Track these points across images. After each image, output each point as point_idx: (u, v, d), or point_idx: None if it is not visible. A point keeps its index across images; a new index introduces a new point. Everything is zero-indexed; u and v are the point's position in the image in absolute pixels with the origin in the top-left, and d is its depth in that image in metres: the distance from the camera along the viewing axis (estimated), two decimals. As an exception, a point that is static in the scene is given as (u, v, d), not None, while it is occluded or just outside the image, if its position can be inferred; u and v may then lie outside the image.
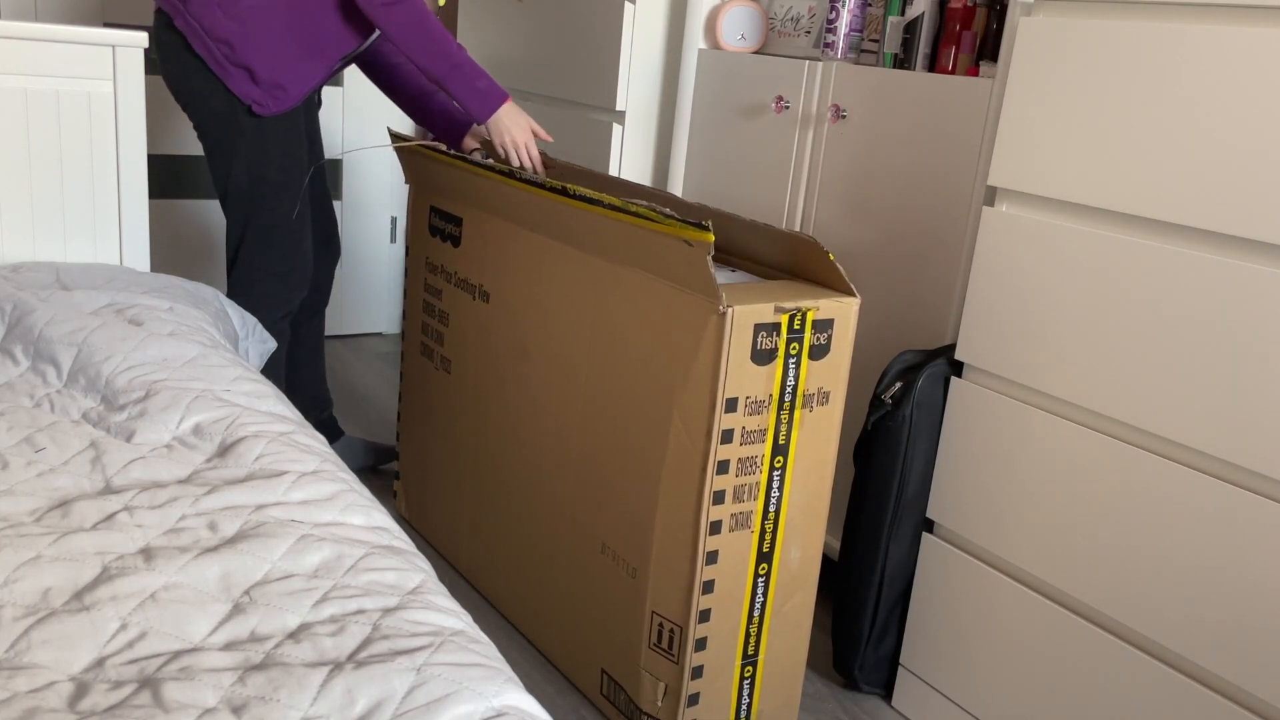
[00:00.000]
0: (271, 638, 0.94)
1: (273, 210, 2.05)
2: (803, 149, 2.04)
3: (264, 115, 1.98)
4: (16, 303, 1.62)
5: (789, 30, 2.20)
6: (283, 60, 1.97)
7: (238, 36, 1.93)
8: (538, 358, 1.79)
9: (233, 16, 1.92)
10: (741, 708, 1.63)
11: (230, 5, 1.93)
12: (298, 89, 2.02)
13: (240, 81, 1.95)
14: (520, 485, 1.88)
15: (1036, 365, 1.52)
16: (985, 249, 1.58)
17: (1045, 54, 1.48)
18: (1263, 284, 1.26)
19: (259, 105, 1.97)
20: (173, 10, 1.96)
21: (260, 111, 1.97)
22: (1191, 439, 1.35)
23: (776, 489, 1.54)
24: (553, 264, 1.74)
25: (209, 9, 1.93)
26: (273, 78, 1.97)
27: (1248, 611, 1.30)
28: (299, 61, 2.00)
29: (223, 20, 1.92)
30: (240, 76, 1.95)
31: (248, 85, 1.96)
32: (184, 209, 3.13)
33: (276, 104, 1.99)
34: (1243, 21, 1.28)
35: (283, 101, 1.99)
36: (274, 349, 2.04)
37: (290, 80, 1.99)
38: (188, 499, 1.15)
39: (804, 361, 1.50)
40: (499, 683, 0.89)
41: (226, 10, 1.93)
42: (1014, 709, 1.59)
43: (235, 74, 1.94)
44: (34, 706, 0.82)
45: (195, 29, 1.93)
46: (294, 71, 2.00)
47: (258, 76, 1.95)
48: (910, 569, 1.75)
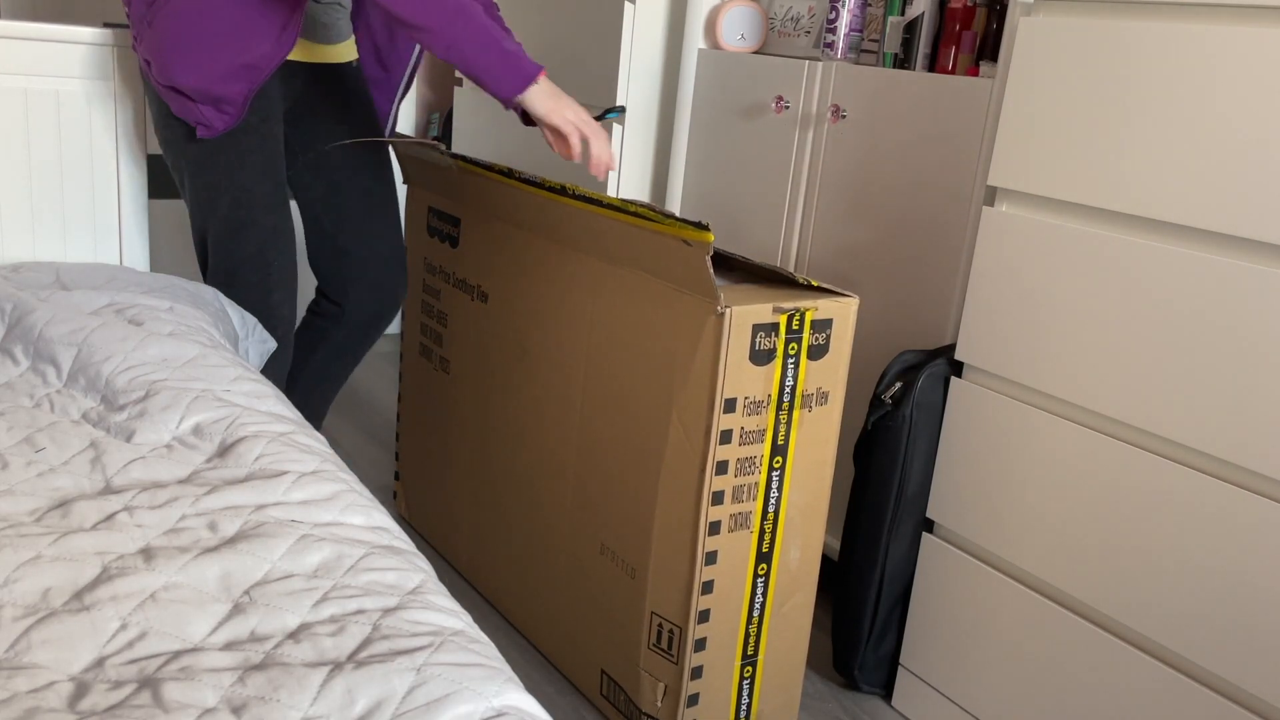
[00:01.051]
0: (271, 638, 0.94)
1: (226, 250, 1.78)
2: (803, 149, 2.04)
3: (208, 137, 1.70)
4: (16, 303, 1.62)
5: (789, 30, 2.20)
6: (208, 65, 1.66)
7: (159, 50, 1.66)
8: (536, 358, 1.79)
9: (160, 30, 1.66)
10: (741, 708, 1.63)
11: (151, 15, 1.68)
12: (238, 98, 1.69)
13: (180, 103, 1.69)
14: (519, 485, 1.88)
15: (1036, 365, 1.52)
16: (985, 249, 1.58)
17: (1045, 54, 1.48)
18: (1263, 284, 1.26)
19: (205, 128, 1.69)
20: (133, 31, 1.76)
21: (204, 134, 1.70)
22: (1191, 439, 1.35)
23: (775, 489, 1.54)
24: (551, 264, 1.74)
25: (138, 26, 1.70)
26: (206, 90, 1.67)
27: (1248, 611, 1.30)
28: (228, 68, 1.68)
29: (147, 35, 1.68)
30: (177, 98, 1.69)
31: (187, 106, 1.69)
32: (184, 209, 3.12)
33: (224, 120, 1.70)
34: (1243, 21, 1.28)
35: (229, 115, 1.69)
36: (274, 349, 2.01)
37: (226, 89, 1.68)
38: (188, 499, 1.15)
39: (803, 362, 1.50)
40: (499, 683, 0.89)
41: (153, 23, 1.67)
42: (1014, 709, 1.59)
43: (173, 96, 1.69)
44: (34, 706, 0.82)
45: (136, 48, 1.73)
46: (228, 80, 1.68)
47: (193, 92, 1.67)
48: (910, 569, 1.75)
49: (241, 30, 1.66)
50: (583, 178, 2.43)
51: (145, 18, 1.67)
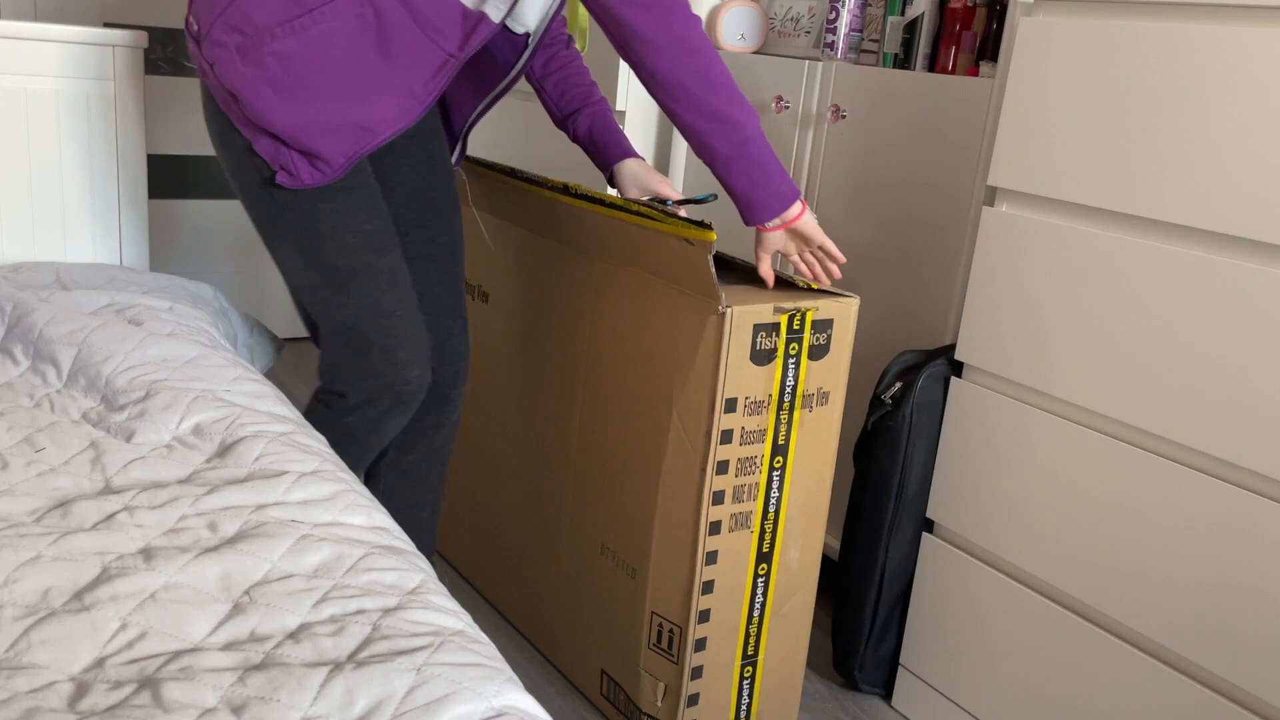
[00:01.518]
0: (271, 638, 0.94)
1: (343, 305, 1.51)
2: (803, 149, 2.04)
3: (291, 187, 1.45)
4: (16, 303, 1.62)
5: (789, 30, 2.20)
6: (317, 120, 1.42)
7: (253, 89, 1.40)
8: (537, 358, 1.79)
9: (256, 62, 1.40)
10: (741, 708, 1.63)
11: (256, 46, 1.40)
12: (340, 159, 1.44)
13: (266, 144, 1.44)
14: (520, 485, 1.88)
15: (1036, 365, 1.52)
16: (985, 249, 1.58)
17: (1045, 54, 1.48)
18: (1263, 284, 1.26)
19: (288, 175, 1.44)
20: (193, 51, 1.47)
21: (287, 183, 1.44)
22: (1191, 439, 1.35)
23: (776, 489, 1.54)
24: (552, 264, 1.74)
25: (225, 53, 1.41)
26: (304, 142, 1.42)
27: (1248, 611, 1.30)
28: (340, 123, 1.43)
29: (239, 67, 1.40)
30: (266, 139, 1.44)
31: (277, 148, 1.44)
32: (184, 209, 3.13)
33: (315, 176, 1.44)
34: (1243, 21, 1.28)
35: (324, 174, 1.45)
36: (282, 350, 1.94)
37: (328, 147, 1.43)
38: (188, 499, 1.15)
39: (803, 361, 1.50)
40: (499, 683, 0.89)
41: (247, 54, 1.40)
42: (1014, 709, 1.59)
43: (261, 135, 1.44)
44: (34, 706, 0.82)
45: (209, 76, 1.44)
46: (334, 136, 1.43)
47: (283, 139, 1.43)
48: (910, 569, 1.75)
49: (369, 89, 1.42)
50: (586, 179, 2.43)
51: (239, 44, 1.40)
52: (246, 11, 1.40)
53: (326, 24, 1.39)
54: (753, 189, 1.43)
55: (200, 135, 3.07)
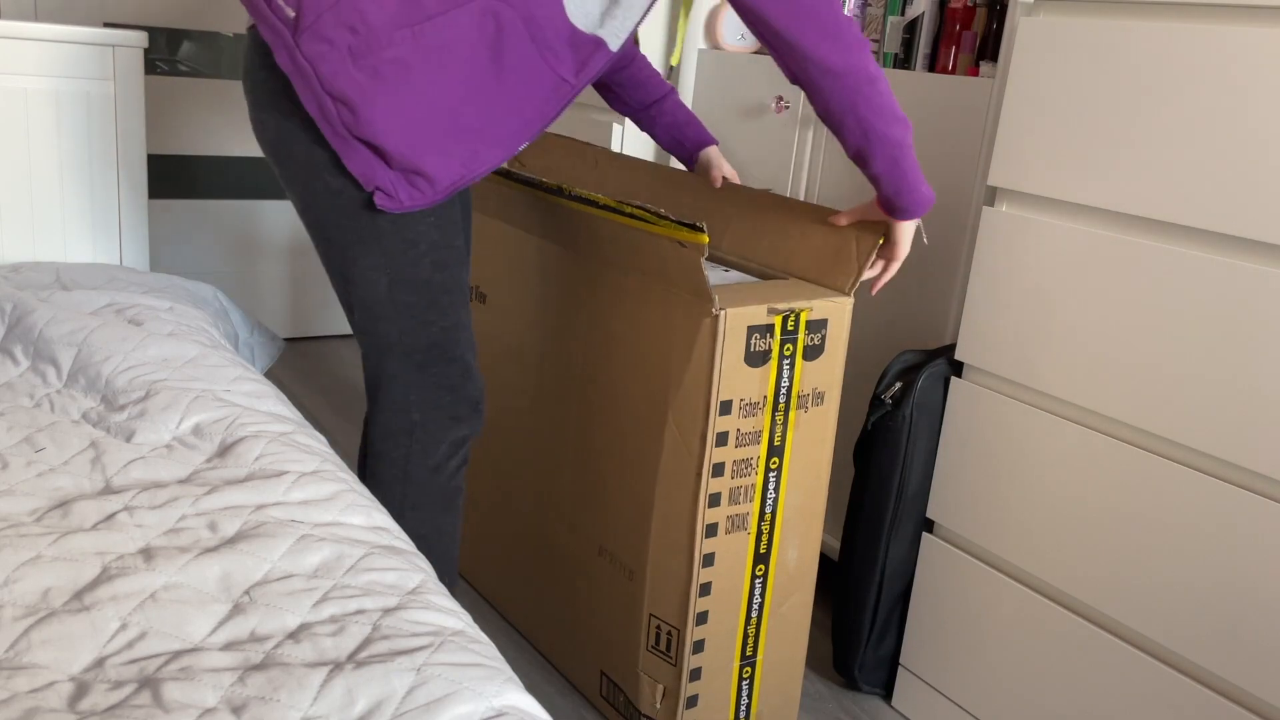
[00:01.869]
0: (271, 638, 0.94)
1: (432, 324, 1.45)
2: (803, 149, 2.04)
3: (390, 210, 1.36)
4: (16, 303, 1.62)
5: (789, 30, 2.20)
6: (431, 136, 1.33)
7: (367, 97, 1.29)
8: (533, 360, 1.80)
9: (370, 67, 1.29)
10: (740, 709, 1.63)
11: (370, 49, 1.29)
12: (448, 180, 1.36)
13: (364, 160, 1.33)
14: (518, 487, 1.88)
15: (1036, 365, 1.52)
16: (985, 249, 1.58)
17: (1045, 54, 1.48)
18: (1263, 284, 1.26)
19: (386, 197, 1.35)
20: (274, 42, 1.32)
21: (386, 205, 1.35)
22: (1191, 439, 1.35)
23: (772, 490, 1.54)
24: (548, 265, 1.74)
25: (332, 52, 1.29)
26: (412, 160, 1.33)
27: (1248, 611, 1.30)
28: (456, 141, 1.35)
29: (349, 70, 1.29)
30: (365, 154, 1.33)
31: (375, 167, 1.34)
32: (185, 209, 3.13)
33: (415, 197, 1.35)
34: (1243, 21, 1.28)
35: (425, 195, 1.36)
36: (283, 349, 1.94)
37: (438, 167, 1.35)
38: (188, 499, 1.15)
39: (798, 362, 1.50)
40: (499, 683, 0.89)
41: (360, 57, 1.29)
42: (1014, 709, 1.59)
43: (359, 149, 1.33)
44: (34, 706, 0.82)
45: (306, 75, 1.31)
46: (446, 155, 1.35)
47: (390, 156, 1.33)
48: (910, 569, 1.75)
49: (484, 108, 1.35)
50: (582, 178, 2.43)
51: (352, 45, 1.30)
52: (361, 9, 1.30)
53: (448, 34, 1.31)
54: (898, 197, 1.45)
55: (200, 135, 3.07)
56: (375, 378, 1.48)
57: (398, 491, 1.52)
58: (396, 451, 1.50)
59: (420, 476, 1.51)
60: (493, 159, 1.39)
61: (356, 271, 1.42)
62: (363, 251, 1.40)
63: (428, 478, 1.51)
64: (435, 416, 1.49)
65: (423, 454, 1.50)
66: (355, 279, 1.42)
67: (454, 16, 1.31)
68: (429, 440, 1.50)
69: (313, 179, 1.38)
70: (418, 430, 1.49)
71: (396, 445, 1.50)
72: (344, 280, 1.44)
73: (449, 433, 1.51)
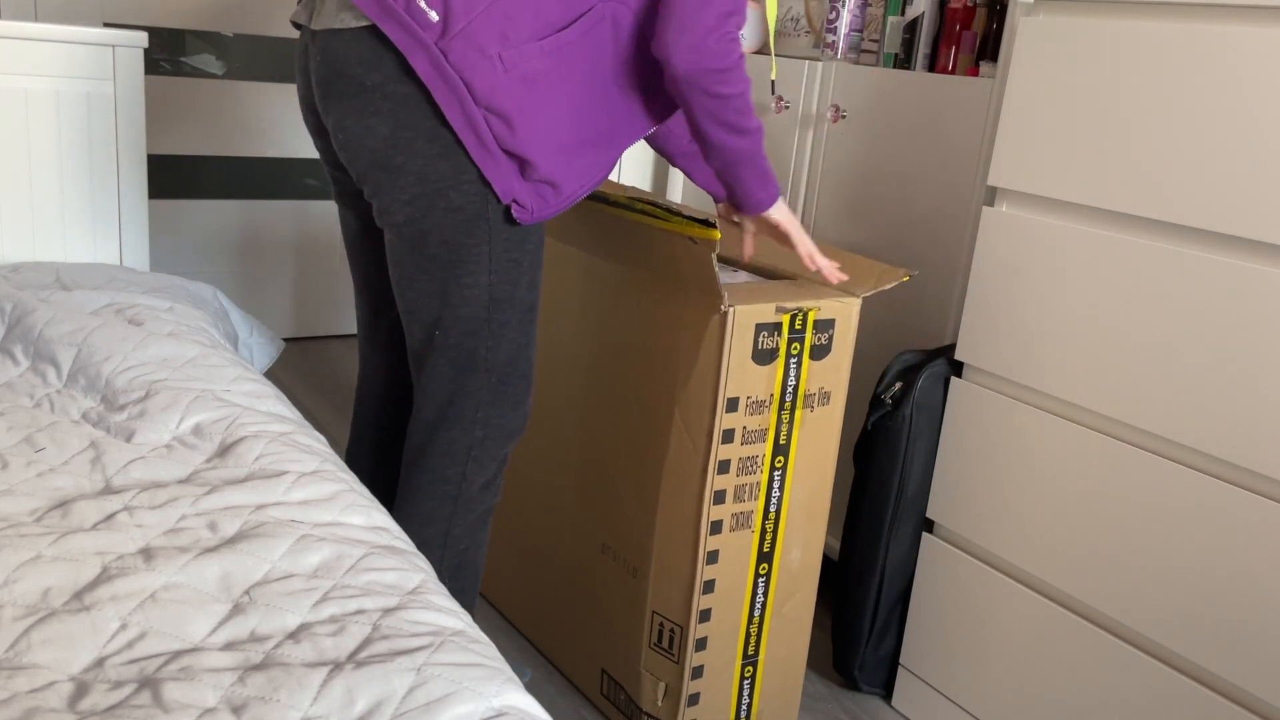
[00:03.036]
0: (271, 638, 0.94)
1: (515, 340, 1.45)
2: (803, 149, 2.04)
3: (524, 223, 1.38)
4: (16, 303, 1.62)
5: (789, 30, 2.20)
6: (567, 146, 1.36)
7: (522, 108, 1.30)
8: (540, 357, 1.79)
9: (520, 78, 1.29)
10: (741, 708, 1.63)
11: (518, 60, 1.29)
12: (573, 189, 1.39)
13: (505, 173, 1.33)
14: (521, 484, 1.88)
15: (1036, 365, 1.52)
16: (985, 249, 1.58)
17: (1045, 54, 1.48)
18: (1263, 284, 1.26)
19: (520, 209, 1.35)
20: (410, 46, 1.28)
21: (521, 217, 1.36)
22: (1191, 439, 1.35)
23: (777, 489, 1.54)
24: (554, 262, 1.74)
25: (484, 62, 1.27)
26: (550, 171, 1.35)
27: (1248, 611, 1.30)
28: (585, 150, 1.38)
29: (503, 82, 1.28)
30: (507, 167, 1.33)
31: (513, 179, 1.34)
32: (184, 209, 3.13)
33: (542, 208, 1.37)
34: (1243, 21, 1.28)
35: (550, 205, 1.38)
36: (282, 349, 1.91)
37: (569, 176, 1.37)
38: (188, 499, 1.15)
39: (805, 361, 1.50)
40: (499, 683, 0.89)
41: (510, 68, 1.29)
42: (1014, 709, 1.59)
43: (501, 162, 1.32)
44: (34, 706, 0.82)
45: (454, 85, 1.28)
46: (577, 164, 1.38)
47: (532, 168, 1.34)
48: (910, 569, 1.75)
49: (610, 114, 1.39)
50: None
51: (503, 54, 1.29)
52: (510, 14, 1.28)
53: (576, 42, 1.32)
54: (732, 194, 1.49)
55: (200, 135, 3.07)
56: (448, 395, 1.45)
57: (447, 510, 1.51)
58: (453, 469, 1.48)
59: (471, 493, 1.51)
60: (607, 167, 1.42)
61: (458, 289, 1.39)
62: (470, 269, 1.38)
63: (478, 494, 1.51)
64: (496, 434, 1.49)
65: (478, 471, 1.50)
66: (455, 297, 1.40)
67: (580, 25, 1.32)
68: (485, 458, 1.49)
69: (432, 195, 1.34)
70: (477, 449, 1.48)
71: (455, 463, 1.48)
72: (441, 298, 1.40)
73: (502, 448, 1.51)
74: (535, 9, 1.29)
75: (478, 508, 1.52)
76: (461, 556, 1.54)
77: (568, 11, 1.31)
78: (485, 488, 1.51)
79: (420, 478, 1.49)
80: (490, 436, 1.48)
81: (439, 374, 1.45)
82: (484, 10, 1.27)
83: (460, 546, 1.53)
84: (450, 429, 1.47)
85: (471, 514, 1.52)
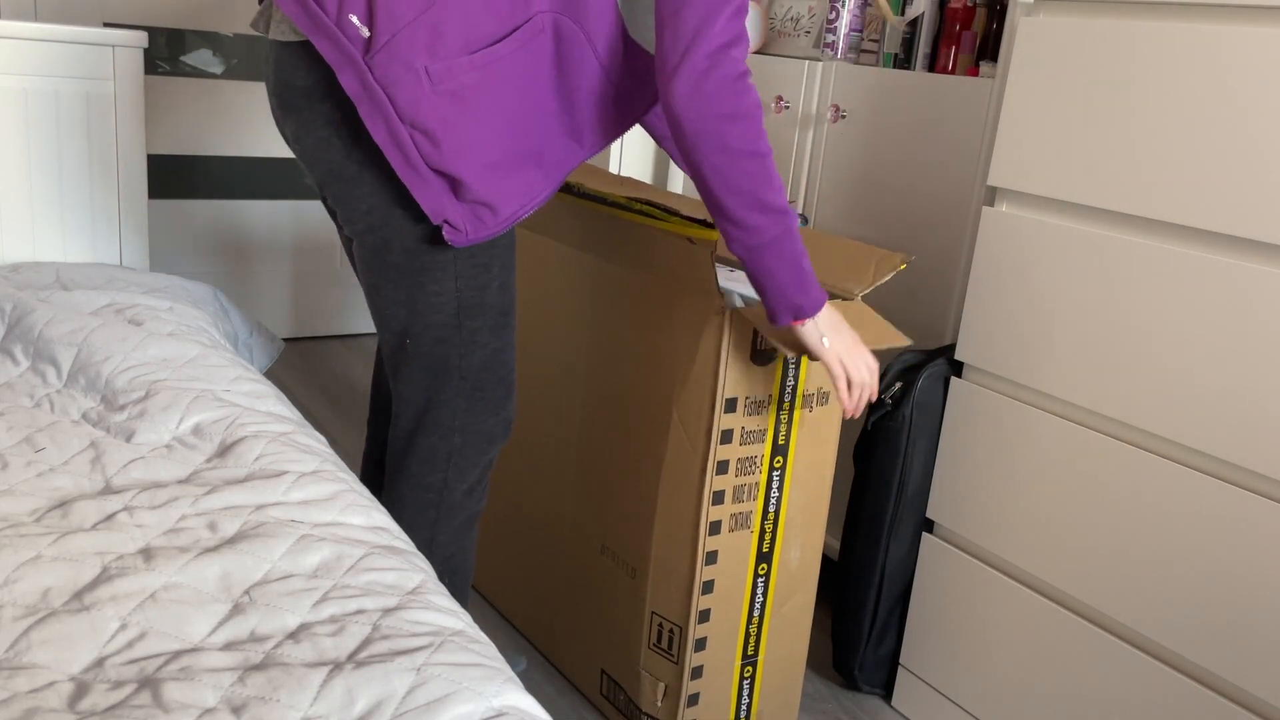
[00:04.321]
0: (271, 638, 0.94)
1: (486, 345, 1.41)
2: (803, 149, 2.04)
3: (456, 245, 1.31)
4: (16, 303, 1.62)
5: (789, 30, 2.20)
6: (500, 165, 1.28)
7: (448, 125, 1.23)
8: (537, 357, 1.79)
9: (448, 93, 1.22)
10: (741, 708, 1.63)
11: (445, 74, 1.22)
12: (511, 210, 1.31)
13: (434, 192, 1.27)
14: (520, 485, 1.88)
15: (1036, 365, 1.52)
16: (985, 249, 1.58)
17: (1045, 54, 1.48)
18: (1263, 284, 1.26)
19: (453, 230, 1.29)
20: (339, 62, 1.23)
21: (454, 240, 1.29)
22: (1191, 439, 1.35)
23: (776, 489, 1.54)
24: (553, 263, 1.74)
25: (409, 76, 1.21)
26: (484, 192, 1.28)
27: (1248, 611, 1.30)
28: (523, 168, 1.30)
29: (429, 97, 1.22)
30: (437, 186, 1.27)
31: (444, 199, 1.28)
32: (184, 209, 3.13)
33: (477, 229, 1.30)
34: (1243, 21, 1.28)
35: (487, 226, 1.30)
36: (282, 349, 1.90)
37: (506, 197, 1.30)
38: (187, 499, 1.15)
39: (804, 361, 1.50)
40: (499, 683, 0.89)
41: (438, 82, 1.22)
42: (1014, 709, 1.59)
43: (430, 181, 1.27)
44: (34, 706, 0.82)
45: (379, 102, 1.23)
46: (514, 183, 1.30)
47: (465, 188, 1.27)
48: (910, 569, 1.75)
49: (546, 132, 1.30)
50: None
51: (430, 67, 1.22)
52: (440, 27, 1.20)
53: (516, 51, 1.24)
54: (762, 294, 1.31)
55: (201, 135, 3.07)
56: (424, 402, 1.43)
57: (430, 516, 1.49)
58: (434, 476, 1.47)
59: (454, 500, 1.49)
60: (550, 187, 1.33)
61: (424, 296, 1.36)
62: (435, 277, 1.35)
63: (461, 500, 1.49)
64: (475, 440, 1.46)
65: (459, 478, 1.47)
66: (422, 305, 1.37)
67: (517, 38, 1.24)
68: (466, 464, 1.47)
69: (390, 204, 1.31)
70: (456, 455, 1.46)
71: (435, 469, 1.46)
72: (408, 308, 1.37)
73: (484, 454, 1.48)
74: (465, 21, 1.21)
75: (461, 514, 1.50)
76: (448, 563, 1.53)
77: (502, 23, 1.22)
78: (469, 494, 1.49)
79: (402, 485, 1.47)
80: (469, 443, 1.46)
81: (414, 382, 1.43)
82: (410, 23, 1.20)
83: (446, 553, 1.52)
84: (429, 436, 1.44)
85: (455, 520, 1.49)
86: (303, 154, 1.34)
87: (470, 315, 1.39)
